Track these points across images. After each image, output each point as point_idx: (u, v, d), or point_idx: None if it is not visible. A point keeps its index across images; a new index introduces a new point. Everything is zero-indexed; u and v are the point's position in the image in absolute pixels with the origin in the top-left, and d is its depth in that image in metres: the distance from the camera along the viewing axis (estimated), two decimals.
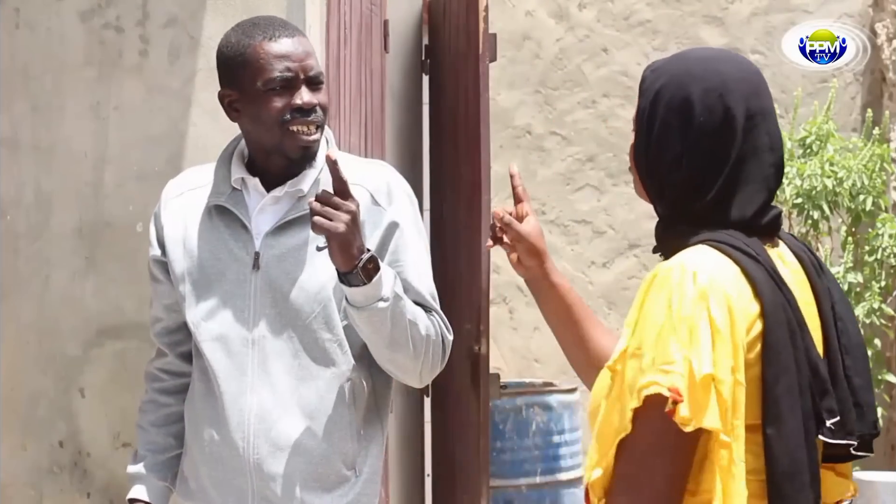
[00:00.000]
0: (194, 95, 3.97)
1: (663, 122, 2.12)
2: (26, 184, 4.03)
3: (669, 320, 1.98)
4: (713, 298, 1.99)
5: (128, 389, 3.97)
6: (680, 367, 1.96)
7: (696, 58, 2.16)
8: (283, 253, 2.91)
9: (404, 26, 6.22)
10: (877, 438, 2.26)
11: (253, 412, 2.89)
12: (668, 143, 2.11)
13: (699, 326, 1.97)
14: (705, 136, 2.09)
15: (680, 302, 1.99)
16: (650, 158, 2.15)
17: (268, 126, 2.89)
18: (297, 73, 2.88)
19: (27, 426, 4.02)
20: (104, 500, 3.99)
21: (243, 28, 2.96)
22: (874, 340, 6.65)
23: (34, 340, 4.02)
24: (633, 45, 7.37)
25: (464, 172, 5.63)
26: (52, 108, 4.03)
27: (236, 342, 2.91)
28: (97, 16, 4.02)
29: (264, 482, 2.90)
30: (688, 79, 2.12)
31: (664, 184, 2.13)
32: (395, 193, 2.97)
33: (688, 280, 2.00)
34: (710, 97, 2.10)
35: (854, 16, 7.34)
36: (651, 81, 2.15)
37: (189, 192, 3.02)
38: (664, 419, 1.95)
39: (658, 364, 1.97)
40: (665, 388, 1.95)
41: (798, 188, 6.50)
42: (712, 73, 2.11)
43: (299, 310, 2.90)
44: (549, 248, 2.63)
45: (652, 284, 2.03)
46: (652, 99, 2.14)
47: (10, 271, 4.03)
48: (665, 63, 2.17)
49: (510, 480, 6.05)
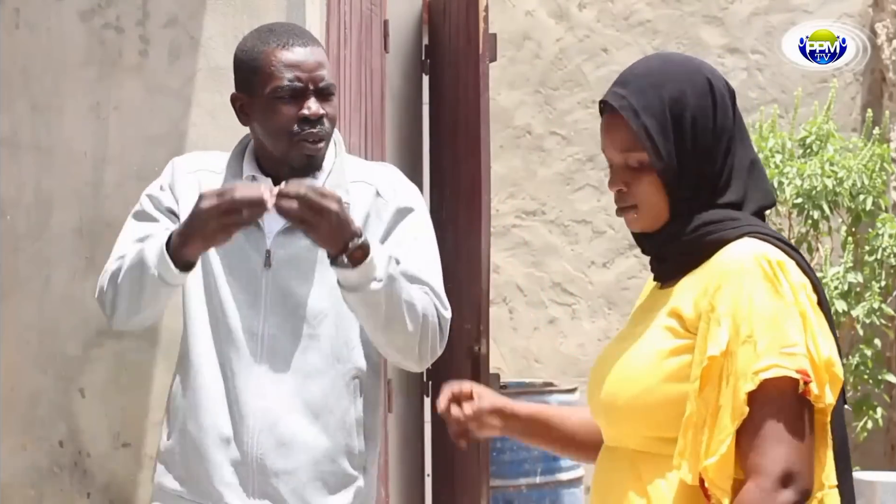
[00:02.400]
0: (194, 95, 3.97)
1: (693, 121, 2.18)
2: (26, 184, 4.03)
3: (782, 308, 2.09)
4: (807, 287, 2.14)
5: (128, 389, 3.97)
6: (803, 349, 2.09)
7: (679, 61, 2.26)
8: (294, 253, 2.91)
9: (404, 26, 6.22)
10: (877, 438, 2.36)
11: (258, 407, 2.90)
12: (704, 141, 2.19)
13: (808, 312, 2.12)
14: (727, 127, 2.21)
15: (784, 291, 2.11)
16: (699, 158, 2.19)
17: (274, 134, 2.90)
18: (307, 83, 2.88)
19: (27, 426, 4.01)
20: (104, 500, 3.99)
21: (260, 33, 2.96)
22: (874, 340, 6.65)
23: (34, 340, 4.02)
24: (633, 45, 7.37)
25: (464, 172, 5.64)
26: (52, 108, 4.03)
27: (244, 336, 2.91)
28: (97, 16, 4.02)
29: (265, 478, 2.90)
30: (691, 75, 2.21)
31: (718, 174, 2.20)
32: (401, 188, 3.00)
33: (780, 270, 2.12)
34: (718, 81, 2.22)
35: (854, 16, 7.34)
36: (648, 101, 2.19)
37: (204, 173, 3.00)
38: (787, 397, 2.07)
39: (777, 348, 2.08)
40: (792, 370, 2.07)
41: (798, 188, 6.50)
42: (706, 70, 2.24)
43: (308, 310, 2.91)
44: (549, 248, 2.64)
45: (741, 275, 2.11)
46: (669, 111, 2.19)
47: (10, 271, 4.03)
48: (638, 82, 2.21)
49: (510, 480, 6.05)
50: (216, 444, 2.93)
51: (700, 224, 2.19)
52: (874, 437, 6.78)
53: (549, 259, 7.30)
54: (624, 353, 2.23)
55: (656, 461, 2.16)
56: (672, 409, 2.13)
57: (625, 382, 2.20)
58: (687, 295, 2.18)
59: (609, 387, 2.23)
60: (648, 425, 2.17)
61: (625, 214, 2.27)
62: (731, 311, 2.10)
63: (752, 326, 2.09)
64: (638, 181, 2.22)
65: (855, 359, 6.59)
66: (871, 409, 6.59)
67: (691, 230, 2.20)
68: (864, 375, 6.59)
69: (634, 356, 2.20)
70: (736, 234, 2.17)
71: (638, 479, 2.18)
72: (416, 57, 6.37)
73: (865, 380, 6.61)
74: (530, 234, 7.34)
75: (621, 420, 2.21)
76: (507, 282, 7.31)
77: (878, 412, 6.57)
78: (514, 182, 7.34)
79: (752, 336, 2.08)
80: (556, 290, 7.26)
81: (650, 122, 2.19)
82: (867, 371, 6.58)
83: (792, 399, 2.07)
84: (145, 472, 3.94)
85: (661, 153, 2.19)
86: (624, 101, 2.20)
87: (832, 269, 6.57)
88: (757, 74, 7.40)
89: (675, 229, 2.21)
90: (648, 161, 2.20)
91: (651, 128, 2.19)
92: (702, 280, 2.16)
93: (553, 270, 7.29)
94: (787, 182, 6.51)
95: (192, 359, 2.97)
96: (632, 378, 2.19)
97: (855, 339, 6.78)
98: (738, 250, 2.15)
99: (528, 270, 7.33)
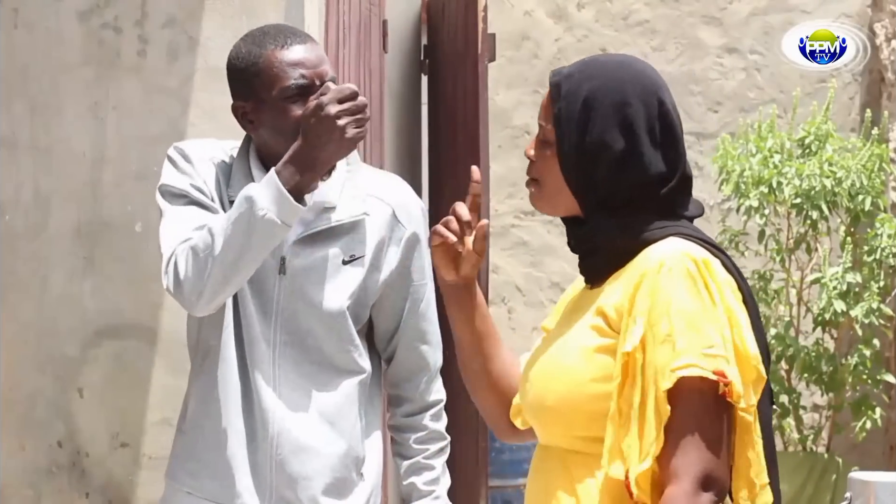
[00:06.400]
0: (193, 95, 3.97)
1: (603, 120, 2.20)
2: (25, 184, 4.03)
3: (702, 307, 2.09)
4: (732, 285, 2.14)
5: (126, 390, 3.97)
6: (722, 350, 2.08)
7: (616, 62, 2.27)
8: (309, 263, 2.89)
9: (403, 26, 6.22)
10: (876, 439, 2.35)
11: (276, 413, 2.88)
12: (610, 141, 2.20)
13: (735, 310, 2.11)
14: (650, 132, 2.20)
15: (709, 289, 2.10)
16: (586, 157, 2.21)
17: (286, 135, 2.82)
18: (313, 80, 2.84)
19: (25, 426, 4.01)
20: (103, 500, 3.98)
21: (253, 38, 2.91)
22: (873, 340, 6.65)
23: (33, 340, 4.02)
24: (631, 46, 7.37)
25: (462, 172, 5.63)
26: (51, 108, 4.03)
27: (262, 342, 2.89)
28: (95, 16, 4.02)
29: (283, 481, 2.89)
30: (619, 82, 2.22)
31: (604, 180, 2.20)
32: (413, 210, 2.99)
33: (704, 269, 2.12)
34: (648, 95, 2.22)
35: (852, 16, 7.34)
36: (573, 86, 2.22)
37: (218, 162, 2.94)
38: (706, 398, 2.07)
39: (696, 348, 2.07)
40: (709, 371, 2.06)
41: (797, 188, 6.50)
42: (640, 74, 2.24)
43: (322, 319, 2.89)
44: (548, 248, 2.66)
45: (661, 274, 2.11)
46: (582, 103, 2.21)
47: (8, 271, 4.03)
48: (580, 69, 2.25)
49: (509, 480, 6.05)
50: (234, 448, 2.90)
51: (625, 224, 2.20)
52: (873, 438, 6.78)
53: (547, 259, 7.30)
54: (551, 353, 2.23)
55: (586, 461, 2.16)
56: (599, 409, 2.13)
57: (552, 382, 2.20)
58: (612, 295, 2.18)
59: (538, 386, 2.23)
60: (577, 425, 2.17)
61: (529, 187, 2.30)
62: (647, 309, 2.10)
63: (671, 325, 2.09)
64: (544, 157, 2.26)
65: (854, 359, 6.59)
66: (869, 409, 6.59)
67: (615, 230, 2.21)
68: (862, 375, 6.59)
69: (562, 355, 2.20)
70: (661, 235, 2.18)
71: (569, 478, 2.17)
72: (414, 57, 6.38)
73: (864, 380, 6.61)
74: (529, 234, 7.34)
75: (551, 420, 2.21)
76: (505, 282, 7.31)
77: (877, 412, 6.57)
78: (512, 182, 7.34)
79: (672, 335, 2.08)
80: (554, 290, 7.26)
81: (565, 109, 2.22)
82: (866, 371, 6.58)
83: (710, 400, 2.07)
84: (144, 473, 3.94)
85: (563, 140, 2.22)
86: (557, 79, 2.25)
87: (831, 269, 6.57)
88: (755, 74, 7.40)
89: (597, 229, 2.22)
90: (555, 141, 2.23)
91: (563, 114, 2.22)
92: (625, 279, 2.17)
93: (552, 270, 7.29)
94: (785, 182, 6.51)
95: (214, 361, 2.91)
96: (559, 377, 2.19)
97: (854, 339, 6.78)
98: (661, 249, 2.15)
99: (527, 270, 7.34)
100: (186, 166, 2.92)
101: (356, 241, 2.91)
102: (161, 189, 2.93)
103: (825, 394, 6.79)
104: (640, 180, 2.19)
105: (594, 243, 2.23)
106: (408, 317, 3.00)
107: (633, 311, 2.12)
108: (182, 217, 2.86)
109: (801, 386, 6.80)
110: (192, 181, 2.90)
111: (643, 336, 2.10)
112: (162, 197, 2.92)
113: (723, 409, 2.09)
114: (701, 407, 2.07)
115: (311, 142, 2.74)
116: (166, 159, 2.97)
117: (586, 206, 2.23)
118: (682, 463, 2.07)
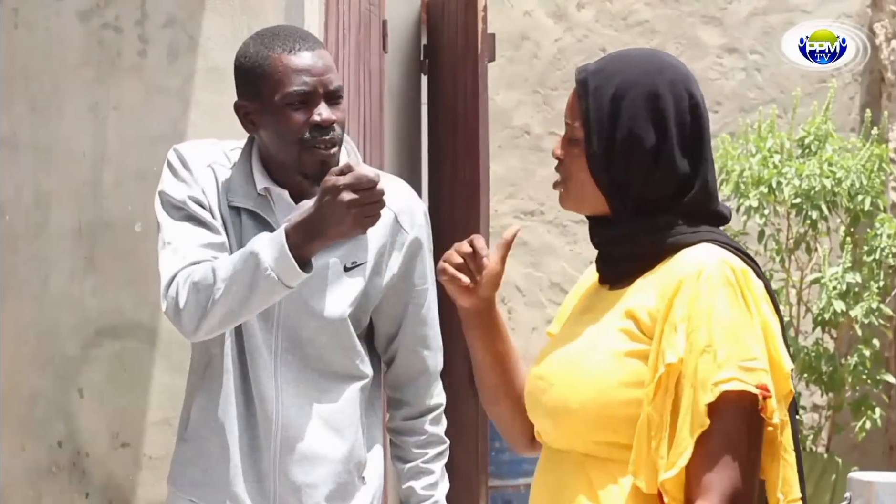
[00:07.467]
0: (193, 95, 3.97)
1: (633, 114, 2.15)
2: (25, 184, 4.03)
3: (742, 318, 2.06)
4: (766, 296, 2.12)
5: (126, 389, 3.97)
6: (763, 364, 2.06)
7: (644, 55, 2.22)
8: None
9: (403, 26, 6.22)
10: (875, 439, 2.35)
11: (279, 421, 2.87)
12: (642, 135, 2.15)
13: (771, 324, 2.09)
14: (680, 125, 2.16)
15: (746, 300, 2.08)
16: (616, 154, 2.16)
17: (286, 141, 2.82)
18: (316, 88, 2.82)
19: (26, 426, 4.01)
20: (103, 500, 3.99)
21: (262, 39, 2.88)
22: (873, 340, 6.64)
23: (33, 340, 4.02)
24: (631, 46, 7.35)
25: (462, 172, 5.64)
26: (51, 108, 4.03)
27: (260, 349, 2.87)
28: (96, 16, 4.03)
29: (287, 490, 2.88)
30: (648, 74, 2.17)
31: (634, 177, 2.16)
32: (417, 214, 2.97)
33: (742, 279, 2.09)
34: (678, 86, 2.17)
35: (852, 16, 7.34)
36: (601, 82, 2.18)
37: (218, 168, 2.92)
38: (746, 412, 2.05)
39: (736, 360, 2.05)
40: (752, 385, 2.04)
41: (797, 188, 6.50)
42: (669, 66, 2.19)
43: (323, 327, 2.88)
44: (549, 249, 2.64)
45: (701, 281, 2.08)
46: (611, 98, 2.16)
47: (9, 271, 4.03)
48: (608, 64, 2.21)
49: (509, 480, 6.05)
50: (237, 457, 2.89)
51: (654, 226, 2.16)
52: (873, 438, 6.78)
53: (547, 259, 7.30)
54: (573, 354, 2.19)
55: (606, 466, 2.12)
56: (627, 414, 2.09)
57: (578, 385, 2.14)
58: (642, 297, 2.13)
59: (559, 389, 2.17)
60: (602, 429, 2.12)
61: (557, 188, 2.25)
62: (687, 317, 2.07)
63: (710, 335, 2.05)
64: (572, 156, 2.21)
65: (853, 359, 6.58)
66: (869, 409, 6.58)
67: (645, 231, 2.16)
68: (862, 375, 6.58)
69: (586, 358, 2.15)
70: (694, 240, 2.14)
71: (588, 484, 2.13)
72: (414, 57, 6.38)
73: (864, 380, 6.61)
74: (529, 234, 7.34)
75: (572, 423, 2.15)
76: (505, 282, 7.26)
77: (877, 412, 6.57)
78: (512, 182, 7.34)
79: (712, 345, 2.05)
80: (554, 290, 7.26)
81: (593, 105, 2.18)
82: (866, 371, 6.57)
83: (748, 415, 2.05)
84: (144, 473, 3.94)
85: (592, 138, 2.18)
86: (583, 75, 2.21)
87: (830, 269, 6.56)
88: (755, 74, 7.40)
89: (627, 229, 2.18)
90: (583, 139, 2.19)
91: (592, 110, 2.18)
92: (658, 283, 2.12)
93: (552, 270, 7.29)
94: (785, 182, 6.51)
95: (215, 369, 2.91)
96: (585, 380, 2.14)
97: (853, 339, 6.77)
98: (698, 255, 2.11)
99: (527, 270, 7.33)
100: (185, 174, 2.91)
101: (358, 247, 2.90)
102: (160, 196, 2.93)
103: (825, 394, 6.79)
104: (670, 178, 2.15)
105: (621, 244, 2.19)
106: (409, 321, 2.99)
107: (671, 318, 2.08)
108: (181, 235, 2.85)
109: (800, 386, 6.80)
110: (190, 192, 2.88)
111: (685, 346, 2.06)
112: (161, 206, 2.91)
113: (758, 424, 2.07)
114: (738, 422, 2.05)
115: (323, 215, 2.71)
116: (165, 163, 2.95)
117: (615, 204, 2.18)
118: (713, 479, 2.04)
